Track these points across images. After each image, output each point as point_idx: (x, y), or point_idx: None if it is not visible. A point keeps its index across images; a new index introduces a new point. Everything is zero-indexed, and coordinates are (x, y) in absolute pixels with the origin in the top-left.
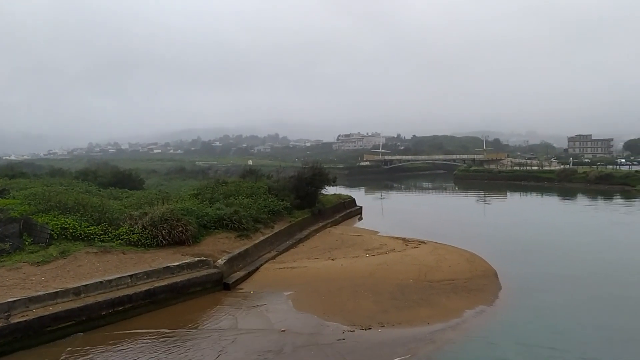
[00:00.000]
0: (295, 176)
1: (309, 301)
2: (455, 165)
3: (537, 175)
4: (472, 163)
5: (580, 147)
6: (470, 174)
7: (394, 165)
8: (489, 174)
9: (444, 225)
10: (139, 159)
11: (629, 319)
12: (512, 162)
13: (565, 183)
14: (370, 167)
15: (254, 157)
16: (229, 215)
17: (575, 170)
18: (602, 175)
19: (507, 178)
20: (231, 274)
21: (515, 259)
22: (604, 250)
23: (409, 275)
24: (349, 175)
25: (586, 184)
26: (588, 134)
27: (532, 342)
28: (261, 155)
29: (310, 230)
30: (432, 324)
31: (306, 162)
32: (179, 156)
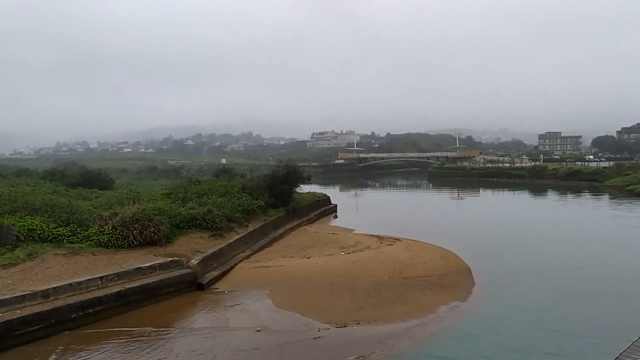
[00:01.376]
0: (269, 175)
1: (285, 300)
2: (429, 162)
3: (509, 172)
4: (446, 160)
5: (550, 144)
6: (444, 171)
7: (369, 163)
8: (462, 171)
9: (418, 223)
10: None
11: (596, 311)
12: (484, 159)
13: (536, 179)
14: (345, 165)
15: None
16: (202, 214)
17: (546, 167)
18: (571, 171)
19: (480, 175)
20: (205, 274)
21: (488, 254)
22: (573, 245)
23: (384, 272)
24: (323, 173)
25: (556, 180)
26: (558, 131)
27: (505, 335)
28: (235, 153)
29: (285, 229)
30: (407, 320)
31: (280, 161)
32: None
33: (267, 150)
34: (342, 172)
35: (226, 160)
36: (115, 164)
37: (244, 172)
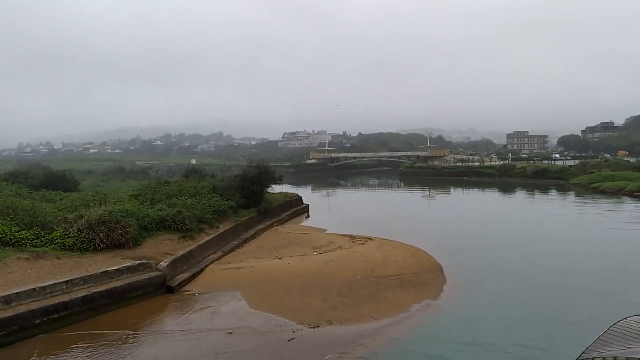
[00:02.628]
0: (240, 175)
1: (257, 301)
2: (400, 162)
3: (478, 171)
4: (417, 160)
5: (518, 143)
6: (415, 170)
7: (340, 163)
8: (433, 170)
9: (391, 221)
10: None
11: (565, 306)
12: (454, 159)
13: (505, 178)
14: (317, 164)
15: (197, 156)
16: (172, 216)
17: (514, 166)
18: (538, 170)
19: (451, 174)
20: (175, 276)
21: (459, 252)
22: (542, 242)
23: (356, 271)
24: (295, 173)
25: (524, 179)
26: (525, 131)
27: (475, 332)
28: (205, 154)
29: (257, 230)
30: (380, 319)
31: (251, 161)
32: (117, 156)
33: (238, 151)
34: (314, 172)
35: (196, 160)
36: (80, 165)
37: (215, 172)
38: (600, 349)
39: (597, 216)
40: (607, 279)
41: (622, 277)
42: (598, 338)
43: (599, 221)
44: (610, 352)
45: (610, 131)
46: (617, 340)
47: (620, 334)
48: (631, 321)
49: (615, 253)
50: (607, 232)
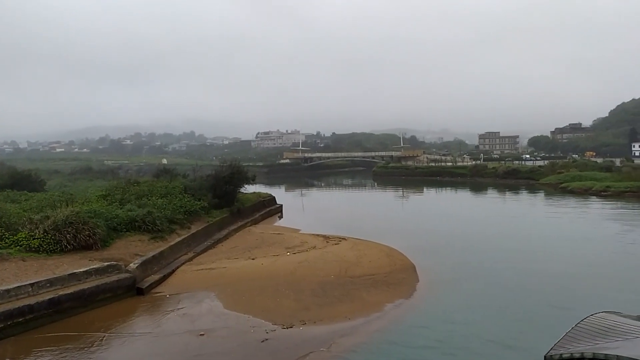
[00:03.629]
0: (212, 175)
1: (230, 302)
2: (374, 162)
3: (451, 171)
4: (390, 160)
5: (490, 143)
6: (389, 170)
7: (314, 163)
8: (407, 170)
9: (364, 221)
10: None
11: (534, 303)
12: (427, 159)
13: (477, 178)
14: (290, 164)
15: (168, 155)
16: (142, 216)
17: (486, 166)
18: (509, 170)
19: (424, 174)
20: (145, 278)
21: (432, 252)
22: (512, 241)
23: (330, 271)
24: (268, 173)
25: (496, 179)
26: (497, 132)
27: (447, 330)
28: (176, 153)
29: (230, 230)
30: (354, 318)
31: (224, 161)
32: (85, 155)
33: (210, 150)
34: (288, 171)
35: (167, 160)
36: (46, 164)
37: (186, 172)
38: (568, 345)
39: (566, 215)
40: (574, 277)
41: (589, 275)
42: (566, 335)
43: (567, 220)
44: (578, 348)
45: (578, 132)
46: (584, 336)
47: (587, 330)
48: (597, 318)
49: (583, 251)
50: (575, 231)
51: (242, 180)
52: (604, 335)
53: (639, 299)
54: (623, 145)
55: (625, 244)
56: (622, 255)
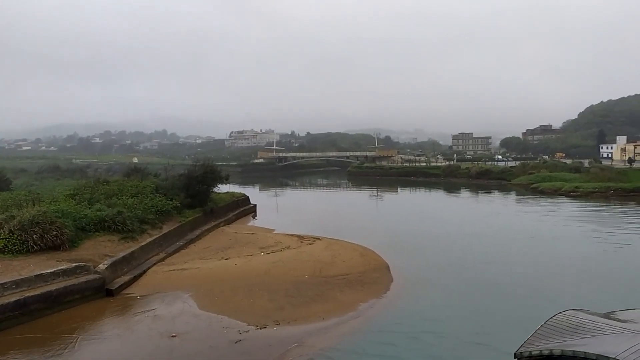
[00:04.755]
0: (185, 174)
1: (202, 303)
2: (348, 162)
3: (425, 171)
4: (365, 160)
5: (463, 144)
6: (363, 170)
7: (289, 163)
8: (381, 170)
9: (339, 221)
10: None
11: (506, 303)
12: (402, 159)
13: (451, 178)
14: (265, 164)
15: (139, 154)
16: (112, 216)
17: (459, 166)
18: (482, 170)
19: (398, 174)
20: (115, 279)
21: (406, 251)
22: (485, 240)
23: (304, 271)
24: (242, 172)
25: (468, 179)
26: (470, 132)
27: (420, 329)
28: (148, 152)
29: (202, 230)
30: (328, 318)
31: (197, 160)
32: (53, 153)
33: (183, 149)
34: (262, 171)
35: (138, 159)
36: (12, 163)
37: (158, 171)
38: (537, 343)
39: (536, 215)
40: (544, 275)
41: (558, 274)
42: (535, 332)
43: (538, 220)
44: (547, 345)
45: (548, 134)
46: (553, 334)
47: (556, 328)
48: (565, 315)
49: (552, 250)
50: (544, 230)
51: (215, 179)
52: (572, 333)
53: (606, 297)
54: (591, 146)
55: (592, 243)
56: (590, 254)
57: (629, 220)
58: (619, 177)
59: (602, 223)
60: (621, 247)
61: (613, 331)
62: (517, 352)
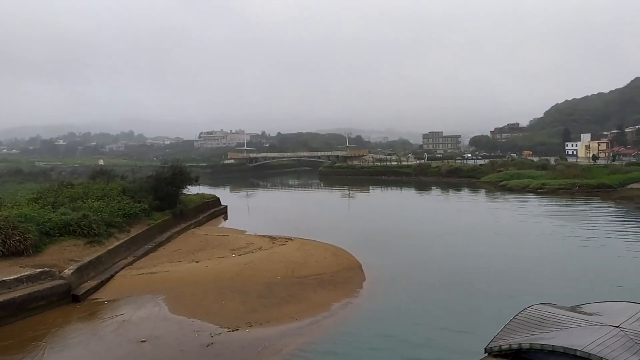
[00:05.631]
0: (153, 176)
1: (172, 307)
2: (320, 161)
3: (396, 170)
4: (336, 159)
5: (433, 143)
6: (335, 170)
7: (260, 163)
8: (353, 169)
9: (311, 221)
10: None
11: (476, 299)
12: (373, 158)
13: (421, 177)
14: (235, 165)
15: (105, 156)
16: (77, 220)
17: (429, 165)
18: (452, 169)
19: (369, 173)
20: (81, 284)
21: (378, 250)
22: (456, 238)
23: (276, 272)
24: (212, 173)
25: (439, 177)
26: (440, 131)
27: (392, 328)
28: (114, 154)
29: (172, 233)
30: (301, 319)
31: (165, 161)
32: (14, 156)
33: (150, 151)
34: (232, 172)
35: (104, 161)
36: None
37: (125, 173)
38: (506, 337)
39: (505, 212)
40: (513, 271)
41: (527, 269)
42: (504, 327)
43: (507, 217)
44: (516, 339)
45: (516, 132)
46: (522, 328)
47: (525, 322)
48: (534, 310)
49: (521, 246)
50: (513, 227)
51: (184, 181)
52: (539, 327)
53: (573, 291)
54: (557, 144)
55: (559, 239)
56: (556, 250)
57: (593, 216)
58: (584, 173)
59: (569, 219)
60: (586, 242)
61: (579, 324)
62: (487, 347)
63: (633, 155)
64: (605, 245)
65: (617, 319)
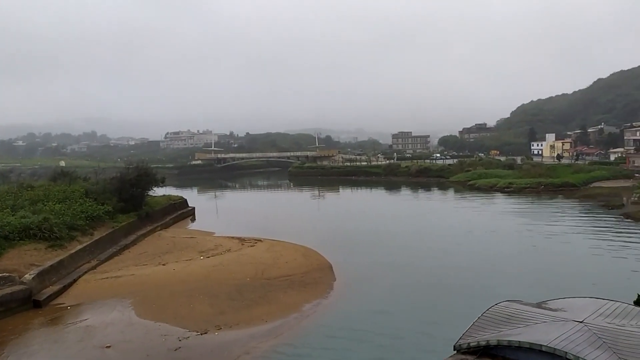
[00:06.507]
0: (117, 177)
1: (138, 311)
2: (289, 162)
3: (366, 170)
4: (306, 160)
5: (403, 143)
6: (304, 170)
7: (228, 164)
8: (322, 170)
9: (281, 222)
10: None
11: (444, 297)
12: (343, 158)
13: (391, 177)
14: (203, 166)
15: (67, 157)
16: (37, 223)
17: (399, 165)
18: (421, 168)
19: (339, 173)
20: (43, 289)
21: (348, 250)
22: (424, 238)
23: (246, 274)
24: (179, 175)
25: (408, 177)
26: (409, 131)
27: (363, 327)
28: (76, 155)
29: (138, 235)
30: (271, 321)
31: (130, 162)
32: None
33: (114, 151)
34: (200, 173)
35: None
36: None
37: (88, 175)
38: (475, 334)
39: (473, 211)
40: (480, 268)
41: (494, 266)
42: (473, 324)
43: (475, 216)
44: (484, 336)
45: (483, 132)
46: (490, 325)
47: (492, 319)
48: (501, 306)
49: (488, 245)
50: (481, 225)
51: (150, 182)
52: (507, 323)
53: (538, 288)
54: (523, 144)
55: (525, 237)
56: (522, 247)
57: (558, 214)
58: (549, 172)
59: (535, 217)
60: (551, 239)
61: (545, 320)
62: (456, 344)
63: (595, 155)
64: (569, 242)
65: (581, 315)
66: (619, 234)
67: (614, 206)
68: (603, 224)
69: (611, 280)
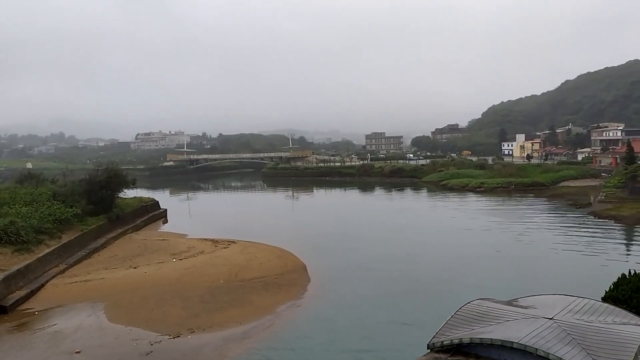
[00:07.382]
0: (86, 179)
1: (109, 315)
2: (263, 163)
3: (340, 171)
4: (280, 161)
5: (376, 143)
6: (278, 171)
7: (201, 165)
8: (296, 171)
9: (255, 223)
10: None
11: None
12: (317, 159)
13: (365, 177)
14: (175, 167)
15: (33, 159)
16: (3, 227)
17: (373, 165)
18: (395, 169)
19: (313, 174)
20: (9, 294)
21: (322, 251)
22: (396, 238)
23: (219, 276)
24: (150, 176)
25: (382, 178)
26: (382, 132)
27: (335, 327)
28: (43, 156)
29: (108, 238)
30: (245, 323)
31: (100, 164)
32: None
33: (83, 153)
34: (172, 174)
35: (33, 164)
36: None
37: (56, 177)
38: (448, 333)
39: (446, 210)
40: (452, 268)
41: (465, 265)
42: (446, 323)
43: (447, 215)
44: (457, 334)
45: (455, 132)
46: (462, 323)
47: (465, 317)
48: (473, 305)
49: (460, 244)
50: (453, 224)
51: (120, 184)
52: (479, 321)
53: (508, 285)
54: (494, 144)
55: (496, 235)
56: (493, 246)
57: (528, 213)
58: (519, 172)
59: (505, 215)
60: (521, 237)
61: (516, 317)
62: (429, 342)
63: (564, 155)
64: (538, 240)
65: (550, 311)
66: (586, 232)
67: (581, 205)
68: (571, 222)
69: (579, 276)
